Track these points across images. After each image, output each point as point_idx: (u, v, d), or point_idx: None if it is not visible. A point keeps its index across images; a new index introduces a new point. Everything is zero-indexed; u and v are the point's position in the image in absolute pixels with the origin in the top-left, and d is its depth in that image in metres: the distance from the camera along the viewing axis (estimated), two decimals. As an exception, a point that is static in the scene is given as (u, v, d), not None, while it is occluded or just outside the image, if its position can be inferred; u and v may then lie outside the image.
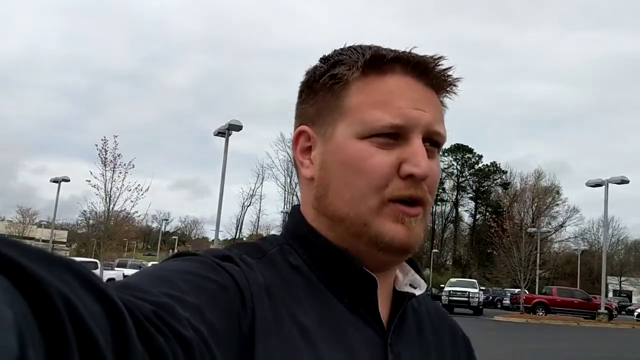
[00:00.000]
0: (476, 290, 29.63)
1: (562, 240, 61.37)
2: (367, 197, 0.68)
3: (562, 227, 60.34)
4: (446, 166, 58.76)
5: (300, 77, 0.76)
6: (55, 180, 32.70)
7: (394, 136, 0.68)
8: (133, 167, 25.15)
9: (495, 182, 59.68)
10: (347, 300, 0.70)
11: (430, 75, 0.72)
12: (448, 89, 0.74)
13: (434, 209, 60.52)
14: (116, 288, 0.44)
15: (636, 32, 75.28)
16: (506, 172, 59.06)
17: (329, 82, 0.72)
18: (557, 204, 59.84)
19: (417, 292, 0.76)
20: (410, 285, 0.77)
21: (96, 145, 24.94)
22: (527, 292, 33.55)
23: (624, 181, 26.40)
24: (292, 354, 0.61)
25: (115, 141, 24.96)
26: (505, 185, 57.21)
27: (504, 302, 38.08)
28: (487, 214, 57.80)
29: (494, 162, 59.35)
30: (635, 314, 35.77)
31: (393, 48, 0.72)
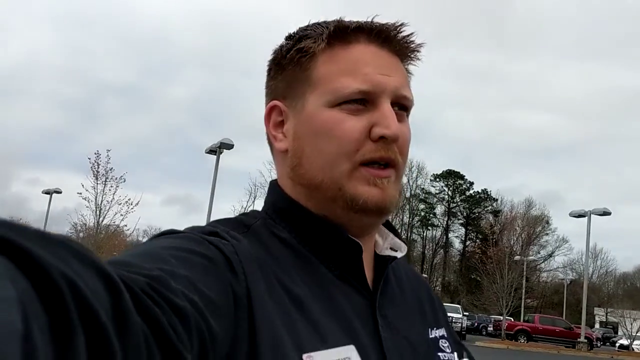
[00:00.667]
0: (459, 316, 29.85)
1: (551, 270, 61.68)
2: (339, 161, 0.71)
3: (551, 256, 60.67)
4: (438, 191, 59.30)
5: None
6: (47, 192, 33.04)
7: (363, 102, 0.71)
8: (124, 181, 25.50)
9: (485, 209, 60.18)
10: (333, 268, 0.72)
11: (393, 42, 0.75)
12: (411, 55, 0.78)
13: (424, 234, 61.01)
14: (110, 264, 0.45)
15: (631, 66, 76.48)
16: (497, 199, 59.62)
17: (296, 56, 0.75)
18: (547, 234, 60.34)
19: (399, 255, 0.80)
20: (391, 248, 0.81)
21: (89, 159, 25.29)
22: (512, 319, 33.81)
23: (606, 213, 26.86)
24: (289, 322, 0.62)
25: (108, 155, 25.36)
26: (496, 212, 57.69)
27: (488, 328, 38.26)
28: (477, 240, 58.17)
29: (485, 189, 59.93)
30: (617, 344, 35.96)
31: (356, 19, 0.75)
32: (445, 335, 0.84)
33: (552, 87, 75.47)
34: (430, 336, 0.80)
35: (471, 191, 60.48)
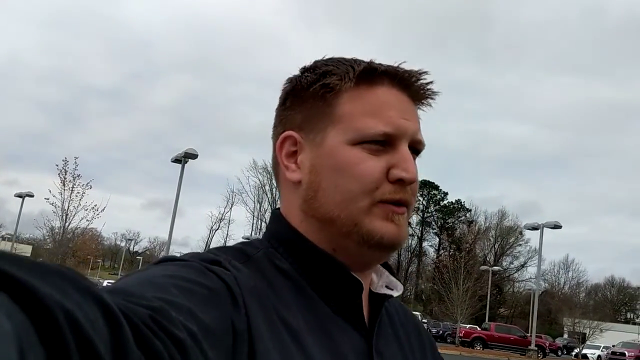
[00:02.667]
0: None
1: (523, 280, 62.74)
2: (358, 199, 0.72)
3: (523, 266, 61.72)
4: (413, 201, 60.27)
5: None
6: (19, 195, 33.55)
7: (383, 143, 0.73)
8: (91, 187, 26.23)
9: (459, 219, 61.22)
10: (332, 303, 0.72)
11: (412, 87, 0.77)
12: (425, 102, 0.80)
13: (400, 243, 61.61)
14: (109, 293, 0.43)
15: (611, 79, 77.99)
16: (470, 210, 60.69)
17: (320, 91, 0.75)
18: (520, 244, 61.46)
19: (395, 294, 0.80)
20: (386, 287, 0.81)
21: (57, 165, 26.04)
22: (478, 328, 34.72)
23: (557, 226, 27.79)
24: (287, 355, 0.62)
25: (75, 162, 26.09)
26: (469, 222, 58.72)
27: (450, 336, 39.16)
28: (451, 250, 59.25)
29: (459, 199, 60.99)
30: (573, 353, 36.96)
31: (378, 62, 0.77)
32: None
33: (532, 100, 76.75)
34: None
35: (445, 201, 61.50)
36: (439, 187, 61.02)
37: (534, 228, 29.04)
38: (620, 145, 75.72)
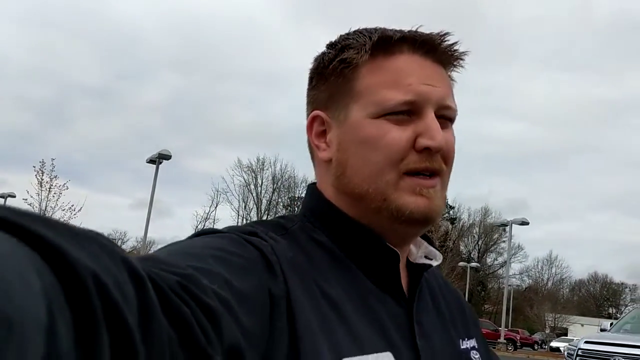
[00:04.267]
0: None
1: (507, 277, 63.49)
2: (384, 172, 0.71)
3: (506, 263, 62.51)
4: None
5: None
6: (1, 196, 34.03)
7: (408, 113, 0.71)
8: (67, 188, 26.84)
9: (443, 216, 61.89)
10: (371, 275, 0.72)
11: (437, 51, 0.75)
12: (455, 63, 0.78)
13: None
14: (141, 260, 0.43)
15: (604, 76, 78.62)
16: (454, 207, 61.38)
17: (339, 67, 0.75)
18: (504, 241, 62.20)
19: (434, 263, 0.80)
20: (425, 256, 0.81)
21: (34, 167, 26.67)
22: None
23: (524, 222, 28.50)
24: (328, 327, 0.62)
25: (52, 164, 26.70)
26: (452, 219, 59.42)
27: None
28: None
29: (442, 197, 61.67)
30: (547, 346, 37.76)
31: (398, 29, 0.75)
32: (476, 347, 0.84)
33: (523, 97, 77.36)
34: (462, 347, 0.81)
35: (429, 199, 62.10)
36: (422, 185, 61.72)
37: (504, 224, 29.79)
38: (611, 141, 76.53)
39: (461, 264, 39.09)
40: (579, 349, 9.30)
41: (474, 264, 40.80)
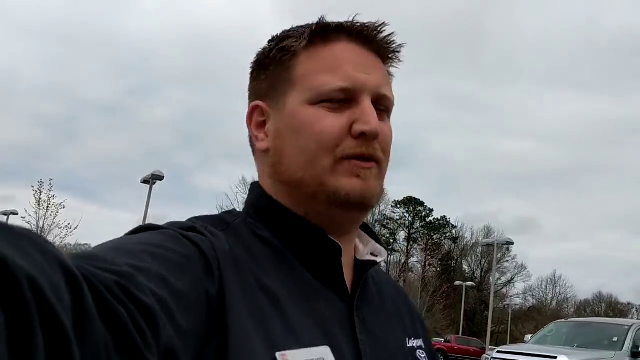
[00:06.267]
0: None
1: (511, 296, 63.25)
2: (319, 157, 0.70)
3: (510, 282, 62.34)
4: (398, 217, 61.30)
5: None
6: (4, 213, 34.98)
7: (344, 100, 0.71)
8: (64, 207, 27.88)
9: (445, 235, 62.08)
10: (312, 268, 0.71)
11: (373, 41, 0.75)
12: (391, 55, 0.78)
13: (389, 258, 62.67)
14: (76, 258, 0.43)
15: (612, 95, 78.35)
16: (456, 226, 61.55)
17: (278, 55, 0.75)
18: (507, 260, 62.07)
19: (379, 259, 0.79)
20: (371, 254, 0.80)
21: (32, 187, 27.79)
22: (442, 341, 35.77)
23: (509, 242, 28.92)
24: (264, 320, 0.61)
25: (50, 183, 27.80)
26: (454, 239, 59.63)
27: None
28: (438, 267, 60.13)
29: (444, 216, 61.85)
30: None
31: (337, 19, 0.75)
32: (423, 347, 0.84)
33: (531, 115, 77.24)
34: (408, 345, 0.80)
35: (431, 218, 62.46)
36: (424, 203, 61.98)
37: (490, 244, 30.16)
38: (620, 160, 76.17)
39: (457, 282, 39.25)
40: (492, 358, 9.81)
41: (469, 283, 40.88)
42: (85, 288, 0.35)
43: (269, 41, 0.79)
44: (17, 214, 34.91)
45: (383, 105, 0.75)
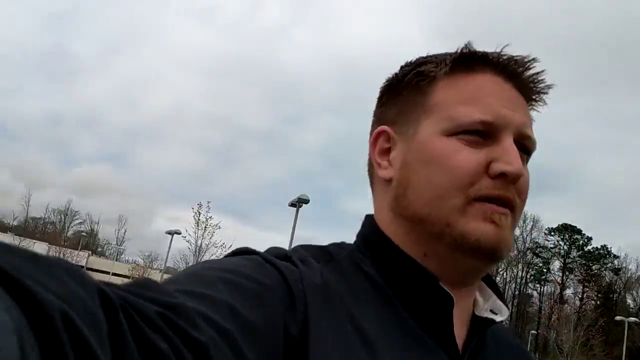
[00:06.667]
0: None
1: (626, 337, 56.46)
2: (450, 195, 0.63)
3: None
4: (552, 245, 57.60)
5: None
6: (169, 232, 38.10)
7: (483, 135, 0.64)
8: (219, 227, 29.88)
9: (605, 266, 57.15)
10: (418, 315, 0.63)
11: (519, 78, 0.68)
12: (535, 97, 0.71)
13: (541, 289, 58.92)
14: (123, 288, 0.40)
15: None
16: (619, 256, 56.44)
17: (414, 80, 0.69)
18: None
19: (498, 318, 0.70)
20: (491, 311, 0.71)
21: (192, 209, 30.09)
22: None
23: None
24: (350, 357, 0.55)
25: (208, 206, 29.96)
26: (617, 270, 54.68)
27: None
28: (597, 299, 55.62)
29: (605, 245, 56.98)
30: None
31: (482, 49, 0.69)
32: None
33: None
34: None
35: (589, 247, 57.92)
36: (581, 231, 57.68)
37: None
38: None
39: (618, 317, 35.71)
40: None
41: (632, 319, 37.03)
42: (122, 319, 0.34)
43: (402, 67, 0.73)
44: (179, 234, 38.02)
45: (525, 147, 0.68)
